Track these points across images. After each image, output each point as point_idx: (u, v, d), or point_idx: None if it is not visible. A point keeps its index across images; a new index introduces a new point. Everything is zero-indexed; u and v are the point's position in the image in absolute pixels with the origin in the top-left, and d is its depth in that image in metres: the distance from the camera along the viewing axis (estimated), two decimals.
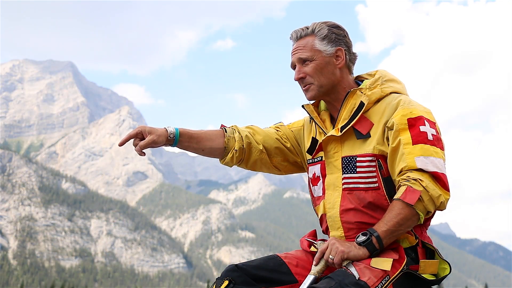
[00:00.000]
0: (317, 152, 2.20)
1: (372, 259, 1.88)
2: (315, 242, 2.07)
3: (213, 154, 2.27)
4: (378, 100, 2.09)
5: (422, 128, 1.95)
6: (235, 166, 2.36)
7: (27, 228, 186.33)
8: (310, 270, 1.97)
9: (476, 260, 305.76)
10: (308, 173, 2.27)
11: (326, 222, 2.14)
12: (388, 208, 1.91)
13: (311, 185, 2.24)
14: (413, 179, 1.87)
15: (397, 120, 1.97)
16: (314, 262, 1.95)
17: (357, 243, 1.90)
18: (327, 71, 2.11)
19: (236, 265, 2.04)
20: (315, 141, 2.21)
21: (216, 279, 2.02)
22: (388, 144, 2.00)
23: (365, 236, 1.89)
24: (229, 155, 2.25)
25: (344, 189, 2.06)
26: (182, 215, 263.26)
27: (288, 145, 2.33)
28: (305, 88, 2.15)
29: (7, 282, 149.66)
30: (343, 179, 2.07)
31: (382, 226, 1.88)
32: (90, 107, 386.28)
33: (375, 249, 1.88)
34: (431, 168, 1.88)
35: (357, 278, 1.81)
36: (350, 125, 2.06)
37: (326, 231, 2.18)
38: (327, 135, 2.11)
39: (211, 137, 2.24)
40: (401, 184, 1.90)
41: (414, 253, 1.98)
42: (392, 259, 1.89)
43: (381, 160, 2.01)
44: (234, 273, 2.00)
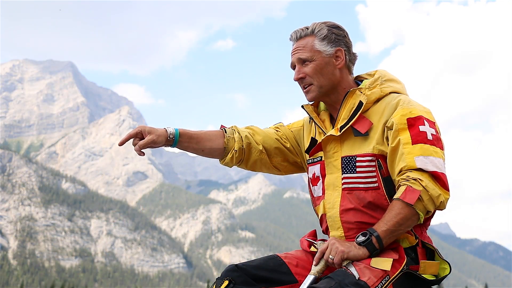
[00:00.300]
0: (317, 152, 2.19)
1: (372, 259, 1.88)
2: (315, 242, 2.07)
3: (213, 155, 2.27)
4: (378, 100, 2.09)
5: (422, 128, 1.94)
6: (235, 166, 2.35)
7: (27, 228, 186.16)
8: (310, 270, 1.97)
9: (476, 260, 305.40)
10: (308, 173, 2.27)
11: (326, 222, 2.14)
12: (388, 208, 1.91)
13: (311, 185, 2.24)
14: (413, 179, 1.87)
15: (397, 120, 1.97)
16: (314, 262, 1.95)
17: (357, 243, 1.90)
18: (327, 72, 2.11)
19: (236, 265, 2.04)
20: (314, 141, 2.20)
21: (216, 279, 2.02)
22: (388, 144, 1.99)
23: (365, 236, 1.89)
24: (229, 156, 2.26)
25: (344, 189, 2.06)
26: (182, 215, 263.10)
27: (288, 146, 2.33)
28: (306, 90, 2.15)
29: (7, 282, 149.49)
30: (343, 179, 2.07)
31: (382, 226, 1.88)
32: (90, 107, 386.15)
33: (375, 249, 1.89)
34: (431, 168, 1.88)
35: (357, 278, 1.81)
36: (349, 125, 2.06)
37: (326, 231, 2.18)
38: (327, 135, 2.11)
39: (211, 138, 2.24)
40: (401, 184, 1.90)
41: (414, 253, 1.97)
42: (392, 259, 1.88)
43: (381, 160, 2.01)
44: (234, 273, 2.00)
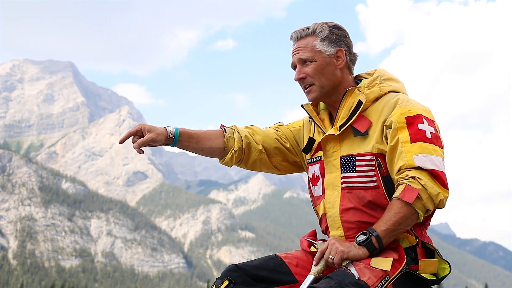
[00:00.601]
0: (316, 152, 2.19)
1: (372, 259, 1.88)
2: (315, 242, 2.07)
3: (213, 154, 2.27)
4: (377, 99, 2.09)
5: (421, 126, 1.95)
6: (235, 166, 2.35)
7: (27, 228, 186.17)
8: (310, 270, 1.97)
9: (476, 260, 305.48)
10: (308, 173, 2.27)
11: (326, 222, 2.14)
12: (387, 207, 1.91)
13: (311, 185, 2.24)
14: (412, 178, 1.86)
15: (396, 119, 1.97)
16: (314, 262, 1.95)
17: (357, 243, 1.90)
18: (328, 72, 2.11)
19: (236, 265, 2.04)
20: (312, 141, 2.21)
21: (216, 279, 2.02)
22: (387, 143, 2.00)
23: (365, 236, 1.89)
24: (229, 155, 2.26)
25: (343, 188, 2.06)
26: (182, 215, 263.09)
27: (288, 145, 2.33)
28: (307, 90, 2.15)
29: (7, 282, 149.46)
30: (342, 178, 2.07)
31: (381, 226, 1.88)
32: (90, 107, 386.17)
33: (375, 249, 1.88)
34: (430, 166, 1.88)
35: (357, 278, 1.81)
36: (348, 124, 2.06)
37: (326, 231, 2.18)
38: (326, 134, 2.11)
39: (211, 137, 2.24)
40: (400, 183, 1.90)
41: (414, 253, 1.97)
42: (392, 259, 1.88)
43: (380, 159, 2.01)
44: (234, 273, 2.00)
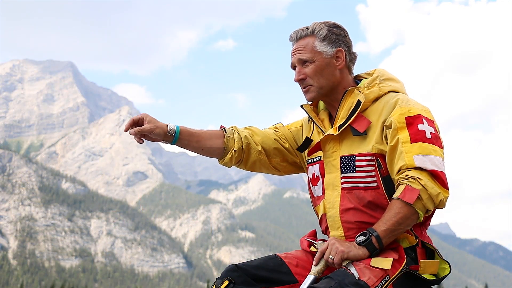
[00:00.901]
0: (315, 152, 2.19)
1: (372, 259, 1.88)
2: (315, 242, 2.07)
3: (212, 154, 2.27)
4: (377, 99, 2.09)
5: (420, 127, 1.94)
6: (235, 166, 2.35)
7: (27, 228, 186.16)
8: (310, 270, 1.97)
9: (476, 260, 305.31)
10: (308, 173, 2.27)
11: (326, 222, 2.14)
12: (387, 208, 1.91)
13: (311, 185, 2.23)
14: (412, 178, 1.86)
15: (395, 119, 1.97)
16: (314, 262, 1.95)
17: (357, 243, 1.90)
18: (327, 73, 2.11)
19: (236, 265, 2.04)
20: (308, 141, 2.21)
21: (216, 279, 2.02)
22: (387, 143, 1.99)
23: (365, 236, 1.89)
24: (228, 156, 2.26)
25: (343, 189, 2.06)
26: (182, 215, 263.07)
27: (287, 146, 2.32)
28: (305, 90, 2.15)
29: (7, 282, 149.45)
30: (342, 179, 2.07)
31: (381, 226, 1.88)
32: (90, 107, 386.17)
33: (375, 249, 1.88)
34: (430, 166, 1.87)
35: (357, 278, 1.81)
36: (348, 124, 2.06)
37: (326, 231, 2.18)
38: (325, 134, 2.11)
39: (211, 137, 2.24)
40: (400, 183, 1.89)
41: (414, 253, 1.97)
42: (392, 259, 1.88)
43: (380, 159, 2.01)
44: (234, 273, 2.00)
